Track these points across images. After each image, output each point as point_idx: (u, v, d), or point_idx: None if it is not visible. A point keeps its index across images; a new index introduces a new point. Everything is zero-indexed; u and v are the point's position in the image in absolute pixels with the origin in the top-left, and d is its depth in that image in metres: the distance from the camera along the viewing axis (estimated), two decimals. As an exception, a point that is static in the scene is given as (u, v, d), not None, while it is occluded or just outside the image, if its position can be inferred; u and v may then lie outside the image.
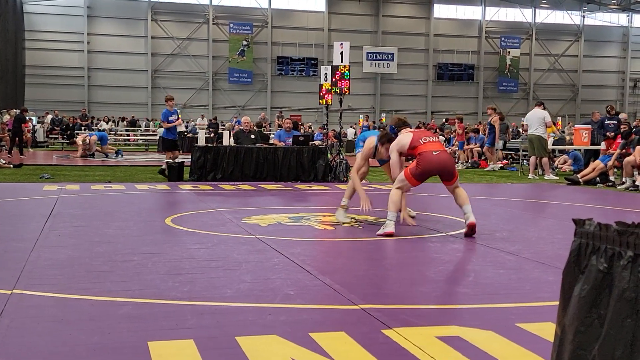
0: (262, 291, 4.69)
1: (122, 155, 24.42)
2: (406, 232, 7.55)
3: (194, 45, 48.16)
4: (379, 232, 7.34)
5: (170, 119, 15.07)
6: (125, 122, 40.23)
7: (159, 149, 30.08)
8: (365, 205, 8.12)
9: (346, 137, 35.51)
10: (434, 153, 7.32)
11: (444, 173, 7.41)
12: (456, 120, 25.26)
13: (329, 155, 16.05)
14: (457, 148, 23.46)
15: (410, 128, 8.37)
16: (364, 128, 33.38)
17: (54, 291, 4.60)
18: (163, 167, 14.99)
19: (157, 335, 3.63)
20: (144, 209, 9.66)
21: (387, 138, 8.17)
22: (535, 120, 16.90)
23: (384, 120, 41.62)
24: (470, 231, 7.23)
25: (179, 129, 15.96)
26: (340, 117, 16.80)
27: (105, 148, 23.96)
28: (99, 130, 35.31)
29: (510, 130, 25.54)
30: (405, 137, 7.67)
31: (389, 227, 7.25)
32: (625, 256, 1.66)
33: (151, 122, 40.17)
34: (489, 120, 21.47)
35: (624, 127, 16.06)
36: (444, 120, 37.11)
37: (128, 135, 38.41)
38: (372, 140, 8.53)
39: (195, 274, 5.20)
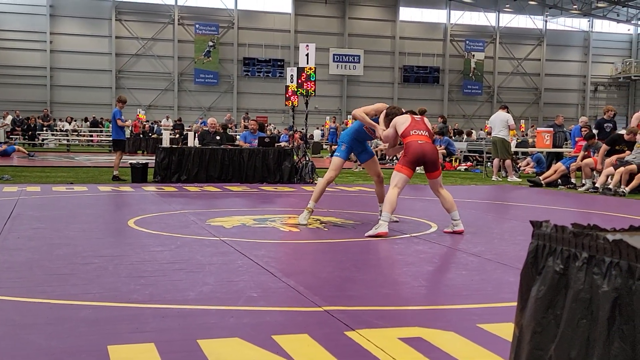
0: (225, 293, 4.66)
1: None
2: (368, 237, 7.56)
3: (159, 45, 47.78)
4: (371, 232, 7.35)
5: (122, 118, 14.81)
6: (88, 122, 39.67)
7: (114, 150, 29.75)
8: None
9: (312, 139, 35.55)
10: (419, 142, 7.60)
11: (428, 161, 7.64)
12: None
13: (295, 156, 16.04)
14: None
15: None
16: (331, 129, 33.43)
17: (11, 294, 4.51)
18: (116, 173, 14.78)
19: (117, 339, 3.58)
20: (106, 210, 9.54)
21: (393, 114, 8.06)
22: (499, 122, 17.09)
23: (350, 122, 41.70)
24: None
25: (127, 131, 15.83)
26: (307, 119, 16.80)
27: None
28: (61, 130, 34.90)
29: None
30: (404, 120, 7.83)
31: (382, 227, 7.31)
32: (580, 257, 1.68)
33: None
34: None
35: (585, 130, 16.32)
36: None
37: (91, 136, 37.91)
38: (383, 104, 8.46)
39: (157, 277, 5.15)
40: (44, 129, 35.80)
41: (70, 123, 37.65)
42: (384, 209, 7.53)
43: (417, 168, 8.08)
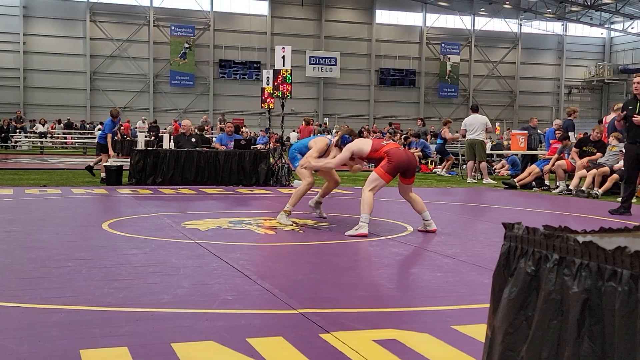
0: (199, 296, 4.63)
1: None
2: (345, 236, 7.57)
3: (134, 47, 47.44)
4: (350, 232, 7.51)
5: (114, 130, 15.25)
6: (61, 124, 39.25)
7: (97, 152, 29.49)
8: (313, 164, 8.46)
9: (289, 141, 35.51)
10: (401, 149, 7.74)
11: (410, 168, 7.76)
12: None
13: (271, 159, 16.01)
14: None
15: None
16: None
17: (-18, 299, 4.45)
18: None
19: (89, 343, 3.55)
20: (80, 213, 9.45)
21: (340, 142, 8.30)
22: (478, 125, 17.18)
23: (327, 124, 41.77)
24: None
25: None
26: (283, 121, 16.78)
27: None
28: (35, 132, 34.52)
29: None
30: (364, 143, 7.91)
31: (363, 228, 7.43)
32: (551, 259, 1.69)
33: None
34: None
35: (560, 133, 16.48)
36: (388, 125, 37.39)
37: (65, 138, 37.53)
38: (324, 139, 8.74)
39: (131, 280, 5.11)
40: (17, 131, 35.38)
41: (43, 125, 37.19)
42: (362, 211, 7.57)
43: None
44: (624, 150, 10.93)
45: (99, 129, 36.36)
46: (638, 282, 1.45)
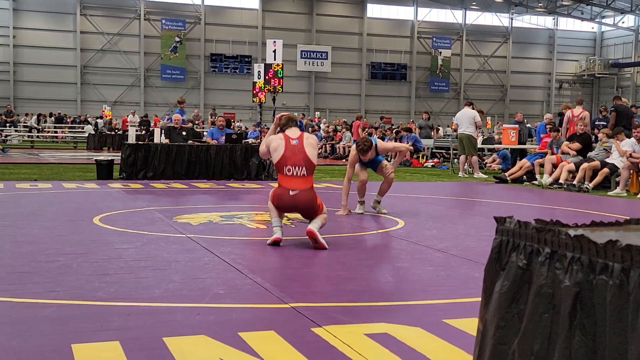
0: (191, 291, 4.63)
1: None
2: (338, 230, 7.58)
3: (124, 40, 47.25)
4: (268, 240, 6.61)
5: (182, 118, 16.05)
6: (52, 118, 39.05)
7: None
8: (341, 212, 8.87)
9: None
10: (291, 193, 6.59)
11: (302, 212, 6.81)
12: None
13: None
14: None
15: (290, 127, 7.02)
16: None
17: (-28, 293, 4.43)
18: None
19: (81, 338, 3.53)
20: (71, 207, 9.41)
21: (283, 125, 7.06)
22: (466, 119, 17.22)
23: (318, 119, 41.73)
24: (314, 242, 6.44)
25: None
26: (274, 115, 16.73)
27: None
28: (25, 125, 34.34)
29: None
30: (277, 144, 6.74)
31: (276, 233, 6.55)
32: (543, 253, 1.70)
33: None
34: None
35: (551, 126, 16.53)
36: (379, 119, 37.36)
37: (56, 132, 37.35)
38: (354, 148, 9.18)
39: (122, 274, 5.10)
40: (7, 125, 35.18)
41: (39, 120, 36.88)
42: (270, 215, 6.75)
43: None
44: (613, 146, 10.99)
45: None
46: (629, 275, 1.45)
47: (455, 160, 19.15)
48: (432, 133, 24.78)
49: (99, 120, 36.72)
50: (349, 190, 9.07)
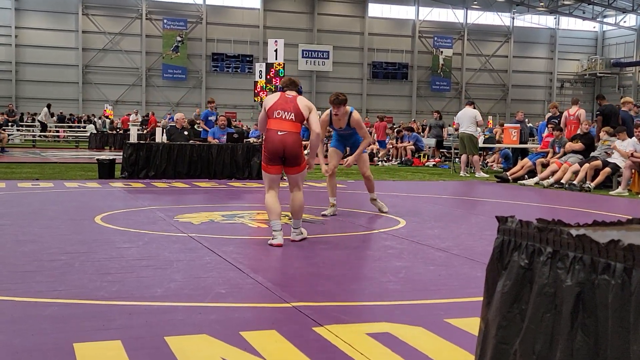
0: (192, 290, 4.63)
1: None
2: (338, 230, 7.58)
3: (126, 40, 47.29)
4: (270, 241, 6.54)
5: (209, 119, 16.57)
6: (54, 117, 39.04)
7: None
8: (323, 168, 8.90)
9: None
10: (279, 133, 6.58)
11: (288, 157, 6.67)
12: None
13: (263, 152, 15.96)
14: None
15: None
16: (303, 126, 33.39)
17: (-26, 293, 4.43)
18: None
19: (83, 337, 3.54)
20: (73, 207, 9.41)
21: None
22: (467, 119, 17.20)
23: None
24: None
25: None
26: (275, 115, 16.74)
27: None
28: (31, 123, 34.26)
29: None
30: (273, 97, 6.88)
31: (277, 239, 6.51)
32: (545, 252, 1.70)
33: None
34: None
35: (552, 126, 16.51)
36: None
37: (58, 131, 37.36)
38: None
39: (124, 274, 5.10)
40: (9, 124, 35.17)
41: (45, 118, 36.78)
42: (269, 217, 6.70)
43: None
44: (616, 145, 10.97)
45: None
46: (631, 275, 1.45)
47: (457, 159, 19.13)
48: (443, 132, 24.57)
49: (105, 120, 36.68)
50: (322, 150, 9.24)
